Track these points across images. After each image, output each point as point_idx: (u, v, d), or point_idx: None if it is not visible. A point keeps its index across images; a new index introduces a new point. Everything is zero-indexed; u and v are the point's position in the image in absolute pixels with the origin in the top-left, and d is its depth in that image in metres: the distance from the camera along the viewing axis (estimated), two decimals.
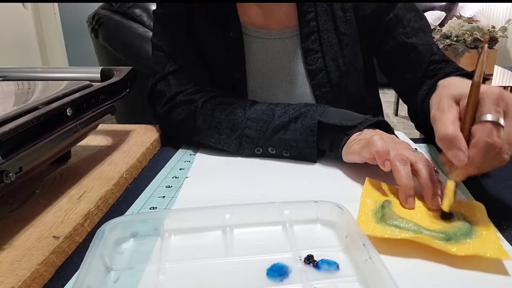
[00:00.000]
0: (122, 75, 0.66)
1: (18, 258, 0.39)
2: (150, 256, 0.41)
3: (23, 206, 0.50)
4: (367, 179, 0.53)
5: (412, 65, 0.74)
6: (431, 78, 0.72)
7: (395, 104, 3.54)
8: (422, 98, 0.70)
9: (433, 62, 0.73)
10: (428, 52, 0.73)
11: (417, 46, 0.73)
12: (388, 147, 0.53)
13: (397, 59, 0.76)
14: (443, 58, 0.74)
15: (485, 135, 0.42)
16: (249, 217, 0.45)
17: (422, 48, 0.73)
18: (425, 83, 0.72)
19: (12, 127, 0.41)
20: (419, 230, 0.42)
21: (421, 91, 0.72)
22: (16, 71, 0.74)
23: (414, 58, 0.74)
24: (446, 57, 0.75)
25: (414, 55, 0.74)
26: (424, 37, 0.74)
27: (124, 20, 1.77)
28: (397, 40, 0.74)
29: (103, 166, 0.61)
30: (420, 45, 0.73)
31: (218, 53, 0.77)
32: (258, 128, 0.66)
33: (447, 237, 0.42)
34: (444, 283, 0.38)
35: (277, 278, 0.37)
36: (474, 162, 0.43)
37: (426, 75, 0.73)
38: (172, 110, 0.73)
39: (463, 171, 0.45)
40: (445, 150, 0.45)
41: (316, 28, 0.74)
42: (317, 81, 0.76)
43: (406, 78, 0.76)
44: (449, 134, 0.44)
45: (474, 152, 0.43)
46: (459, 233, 0.42)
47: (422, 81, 0.73)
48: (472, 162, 0.43)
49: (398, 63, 0.76)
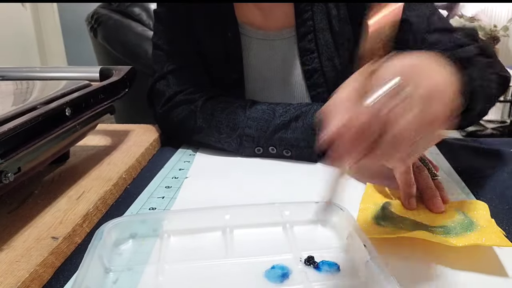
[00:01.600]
0: (121, 74, 0.66)
1: (17, 259, 0.39)
2: (149, 257, 0.41)
3: (22, 207, 0.49)
4: (367, 185, 0.53)
5: (408, 41, 0.67)
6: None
7: None
8: None
9: (430, 32, 0.66)
10: (423, 23, 0.67)
11: (409, 19, 0.67)
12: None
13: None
14: (443, 27, 0.67)
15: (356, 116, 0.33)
16: (249, 218, 0.45)
17: (417, 20, 0.67)
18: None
19: (11, 127, 0.41)
20: (418, 228, 0.42)
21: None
22: (14, 70, 0.74)
23: (409, 34, 0.67)
24: (449, 25, 0.68)
25: (410, 31, 0.67)
26: (420, 8, 0.68)
27: (123, 19, 1.77)
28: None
29: (102, 167, 0.61)
30: (414, 16, 0.67)
31: (216, 53, 0.77)
32: (258, 127, 0.65)
33: (447, 231, 0.41)
34: (444, 282, 0.38)
35: (277, 280, 0.37)
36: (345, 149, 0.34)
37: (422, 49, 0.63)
38: (171, 110, 0.73)
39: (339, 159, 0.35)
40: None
41: (313, 28, 0.74)
42: (313, 81, 0.75)
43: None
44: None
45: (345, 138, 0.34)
46: (459, 227, 0.42)
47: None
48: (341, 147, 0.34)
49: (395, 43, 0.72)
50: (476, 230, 0.42)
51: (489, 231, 0.41)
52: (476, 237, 0.40)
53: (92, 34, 1.82)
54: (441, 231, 0.41)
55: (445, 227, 0.42)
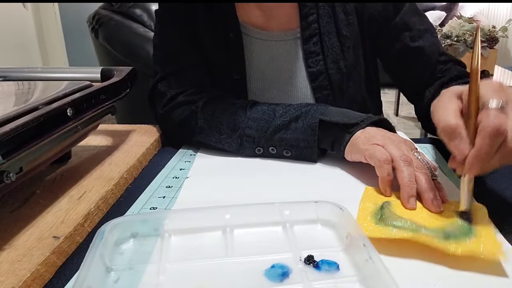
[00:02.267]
0: (123, 75, 0.66)
1: (19, 258, 0.40)
2: (150, 257, 0.41)
3: (24, 206, 0.50)
4: (366, 188, 0.53)
5: (419, 67, 0.76)
6: (437, 79, 0.74)
7: (396, 104, 3.54)
8: (428, 98, 0.72)
9: (440, 63, 0.75)
10: (435, 53, 0.75)
11: (424, 48, 0.75)
12: (392, 146, 0.54)
13: (404, 62, 0.78)
14: (449, 58, 0.76)
15: (491, 119, 0.41)
16: (249, 218, 0.45)
17: (429, 49, 0.75)
18: (432, 85, 0.74)
19: (13, 127, 0.41)
20: (418, 229, 0.42)
21: (427, 92, 0.74)
22: (16, 71, 0.74)
23: (421, 60, 0.75)
24: (452, 56, 0.77)
25: (421, 58, 0.75)
26: (431, 38, 0.76)
27: (124, 20, 1.77)
28: (404, 44, 0.76)
29: (103, 166, 0.61)
30: (427, 47, 0.75)
31: (218, 53, 0.77)
32: (259, 127, 0.66)
33: (446, 235, 0.41)
34: (444, 283, 0.38)
35: (277, 279, 0.37)
36: (483, 149, 0.41)
37: (433, 76, 0.75)
38: (173, 110, 0.73)
39: (474, 165, 0.42)
40: (447, 141, 0.44)
41: (318, 31, 0.74)
42: (318, 83, 0.76)
43: (414, 79, 0.78)
44: (451, 125, 0.43)
45: (481, 139, 0.41)
46: (457, 231, 0.42)
47: (430, 81, 0.75)
48: (481, 150, 0.41)
49: (406, 66, 0.78)
50: (475, 236, 0.41)
51: (487, 240, 0.41)
52: (474, 246, 0.40)
53: (93, 35, 1.83)
54: (441, 236, 0.41)
55: (444, 232, 0.42)
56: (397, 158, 0.52)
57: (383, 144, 0.55)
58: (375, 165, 0.54)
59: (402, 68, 0.79)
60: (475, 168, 0.43)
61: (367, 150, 0.56)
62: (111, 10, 1.83)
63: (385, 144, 0.55)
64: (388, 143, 0.55)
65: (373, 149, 0.55)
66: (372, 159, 0.54)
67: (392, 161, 0.52)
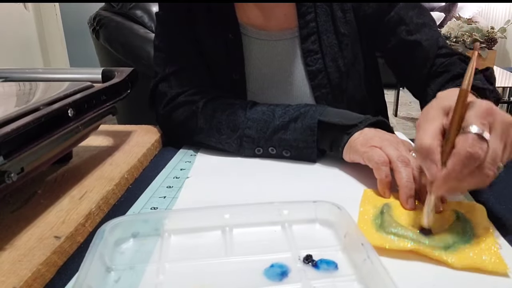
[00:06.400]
0: (123, 76, 0.67)
1: (20, 258, 0.40)
2: (151, 256, 0.41)
3: (25, 206, 0.50)
4: (364, 190, 0.53)
5: (418, 61, 0.73)
6: (439, 75, 0.71)
7: (395, 105, 3.54)
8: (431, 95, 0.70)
9: (440, 56, 0.72)
10: (433, 46, 0.72)
11: (421, 42, 0.72)
12: (390, 147, 0.54)
13: (401, 56, 0.75)
14: (451, 51, 0.73)
15: (466, 145, 0.40)
16: (248, 217, 0.46)
17: (427, 43, 0.72)
18: (434, 81, 0.71)
19: (14, 127, 0.41)
20: (418, 239, 0.42)
21: (429, 89, 0.71)
22: (17, 72, 0.75)
23: (419, 55, 0.73)
24: (454, 50, 0.73)
25: (419, 51, 0.72)
26: (429, 32, 0.73)
27: (125, 21, 1.78)
28: (400, 38, 0.73)
29: (104, 167, 0.61)
30: (424, 40, 0.72)
31: (217, 54, 0.77)
32: (258, 128, 0.66)
33: (446, 245, 0.41)
34: (443, 283, 0.38)
35: (276, 278, 0.38)
36: (453, 173, 0.41)
37: (433, 72, 0.72)
38: (173, 111, 0.73)
39: (442, 186, 0.42)
40: (420, 161, 0.44)
41: (316, 29, 0.74)
42: (317, 82, 0.76)
43: (413, 75, 0.75)
44: (425, 146, 0.42)
45: (452, 163, 0.40)
46: (456, 239, 0.42)
47: (430, 77, 0.72)
48: (450, 174, 0.41)
49: (403, 61, 0.76)
50: (475, 245, 0.41)
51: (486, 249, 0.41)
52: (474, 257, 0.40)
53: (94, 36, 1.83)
54: (440, 246, 0.41)
55: (445, 241, 0.42)
56: (395, 159, 0.52)
57: (381, 145, 0.55)
58: (373, 168, 0.54)
59: (401, 63, 0.76)
60: (442, 189, 0.43)
61: (365, 153, 0.56)
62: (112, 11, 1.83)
63: (382, 146, 0.55)
64: (385, 145, 0.55)
65: (371, 152, 0.55)
66: (370, 161, 0.55)
67: (390, 162, 0.53)
